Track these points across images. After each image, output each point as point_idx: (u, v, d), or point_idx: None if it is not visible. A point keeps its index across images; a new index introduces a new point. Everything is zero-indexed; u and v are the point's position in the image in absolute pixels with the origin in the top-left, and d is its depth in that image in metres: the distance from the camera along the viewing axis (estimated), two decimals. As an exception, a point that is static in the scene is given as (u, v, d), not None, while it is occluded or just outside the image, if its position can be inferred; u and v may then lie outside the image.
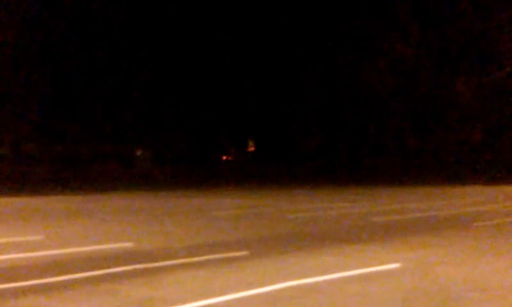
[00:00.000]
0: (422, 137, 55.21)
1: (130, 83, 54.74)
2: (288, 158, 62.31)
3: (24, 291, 9.22)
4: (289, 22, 59.26)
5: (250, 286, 9.34)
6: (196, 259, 11.83)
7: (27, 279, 9.94)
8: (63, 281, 9.88)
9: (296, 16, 59.14)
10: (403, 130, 56.13)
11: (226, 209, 23.48)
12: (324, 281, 9.77)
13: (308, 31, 59.18)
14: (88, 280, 9.99)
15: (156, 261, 11.59)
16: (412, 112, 55.45)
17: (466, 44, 52.05)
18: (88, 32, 51.44)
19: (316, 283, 9.64)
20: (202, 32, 58.44)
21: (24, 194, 32.22)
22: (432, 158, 53.99)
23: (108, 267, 10.93)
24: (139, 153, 56.74)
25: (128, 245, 13.81)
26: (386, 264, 11.14)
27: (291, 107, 62.27)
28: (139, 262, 11.41)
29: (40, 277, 10.13)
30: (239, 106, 62.44)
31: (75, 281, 9.93)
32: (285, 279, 9.76)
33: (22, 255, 12.40)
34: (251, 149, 69.68)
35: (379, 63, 54.09)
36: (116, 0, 52.45)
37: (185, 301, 8.39)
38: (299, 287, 9.35)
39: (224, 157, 68.92)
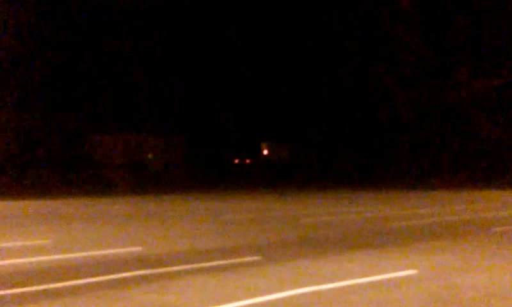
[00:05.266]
0: (440, 142, 54.85)
1: (141, 86, 54.79)
2: (302, 162, 62.24)
3: (32, 296, 9.06)
4: (295, 21, 59.12)
5: (263, 292, 9.13)
6: (207, 264, 11.61)
7: (34, 284, 9.77)
8: (71, 287, 9.69)
9: (301, 17, 59.05)
10: (417, 135, 55.86)
11: (238, 213, 23.27)
12: (339, 288, 9.54)
13: (312, 28, 58.98)
14: (96, 285, 9.80)
15: (166, 266, 11.39)
16: (426, 115, 55.21)
17: (474, 36, 51.72)
18: (94, 34, 51.17)
19: (331, 290, 9.40)
20: (215, 38, 58.47)
21: (32, 197, 32.19)
22: (449, 164, 53.60)
23: (117, 272, 10.74)
24: (150, 156, 56.72)
25: (138, 249, 13.62)
26: (402, 270, 10.89)
27: (302, 111, 62.25)
28: (149, 267, 11.23)
29: (48, 282, 9.95)
30: (251, 110, 62.42)
31: (83, 286, 9.75)
32: (298, 286, 9.54)
33: (29, 259, 12.24)
34: (264, 152, 69.59)
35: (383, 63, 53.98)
36: None
37: (195, 308, 8.17)
38: (313, 294, 9.12)
39: (237, 160, 68.82)
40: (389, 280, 10.19)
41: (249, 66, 60.43)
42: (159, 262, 11.82)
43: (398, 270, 10.89)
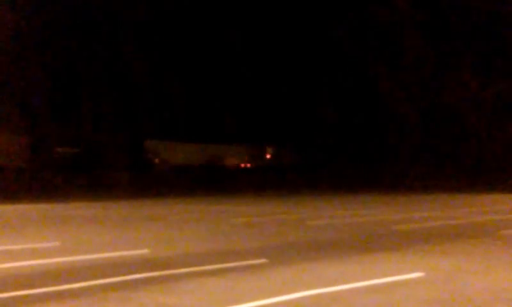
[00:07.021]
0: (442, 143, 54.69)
1: (143, 90, 54.78)
2: (307, 164, 62.21)
3: (40, 298, 9.10)
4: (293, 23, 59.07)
5: (269, 294, 9.13)
6: (213, 266, 11.62)
7: (42, 286, 9.80)
8: (78, 288, 9.72)
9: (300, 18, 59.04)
10: (417, 135, 55.75)
11: (244, 216, 23.27)
12: (346, 291, 9.54)
13: (312, 31, 58.89)
14: (103, 287, 9.83)
15: (173, 268, 11.40)
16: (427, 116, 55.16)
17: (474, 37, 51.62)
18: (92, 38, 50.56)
19: (337, 292, 9.40)
20: (214, 40, 58.43)
21: (40, 201, 32.23)
22: (451, 166, 53.43)
23: (124, 274, 10.76)
24: (157, 160, 56.65)
25: (144, 252, 13.64)
26: (408, 273, 10.88)
27: (304, 114, 62.31)
28: (156, 269, 11.24)
29: (56, 284, 9.98)
30: (255, 112, 62.42)
31: (90, 288, 9.77)
32: (305, 288, 9.54)
33: (38, 262, 12.26)
34: (269, 156, 69.53)
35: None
36: None
37: (202, 310, 8.19)
38: (319, 296, 9.12)
39: (242, 164, 68.72)
40: (395, 283, 10.18)
41: (249, 67, 60.40)
42: (166, 264, 11.83)
43: (404, 273, 10.88)
